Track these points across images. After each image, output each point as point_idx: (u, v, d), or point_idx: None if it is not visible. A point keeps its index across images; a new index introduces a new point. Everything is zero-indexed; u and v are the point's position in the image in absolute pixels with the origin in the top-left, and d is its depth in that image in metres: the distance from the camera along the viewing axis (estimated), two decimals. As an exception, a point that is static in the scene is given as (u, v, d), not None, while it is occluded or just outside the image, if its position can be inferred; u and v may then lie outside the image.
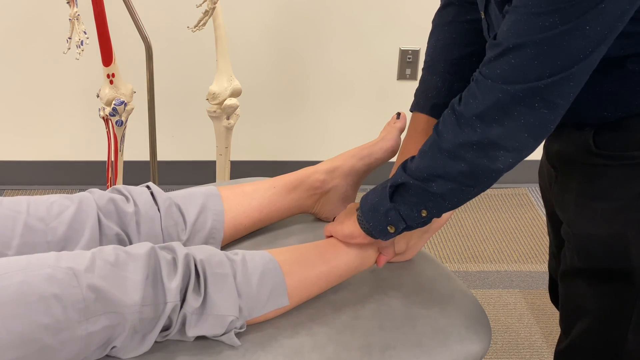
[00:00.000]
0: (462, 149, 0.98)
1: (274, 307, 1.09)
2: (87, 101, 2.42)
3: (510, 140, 0.96)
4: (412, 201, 1.05)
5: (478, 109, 0.96)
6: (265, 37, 2.44)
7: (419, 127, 1.25)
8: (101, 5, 1.75)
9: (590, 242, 1.12)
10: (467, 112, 0.97)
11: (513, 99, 0.93)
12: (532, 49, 0.90)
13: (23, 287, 0.93)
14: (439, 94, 1.23)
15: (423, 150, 1.04)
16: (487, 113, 0.95)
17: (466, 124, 0.97)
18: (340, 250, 1.17)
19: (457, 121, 0.99)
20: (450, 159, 1.00)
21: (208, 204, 1.23)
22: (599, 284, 1.13)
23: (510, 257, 2.31)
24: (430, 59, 1.26)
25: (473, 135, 0.97)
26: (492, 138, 0.96)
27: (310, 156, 2.59)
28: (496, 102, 0.94)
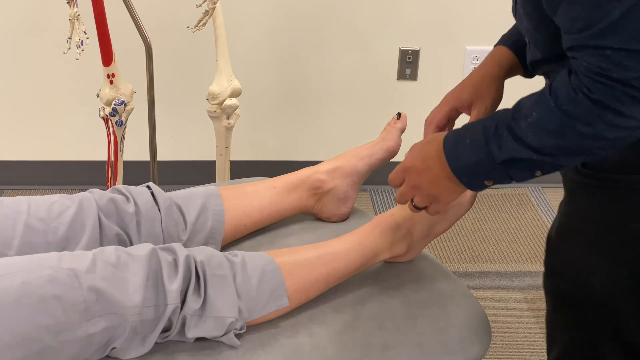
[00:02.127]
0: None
1: (274, 309, 1.09)
2: (87, 101, 2.42)
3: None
4: (528, 168, 0.97)
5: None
6: (265, 37, 2.44)
7: (496, 56, 1.20)
8: (101, 5, 1.75)
9: (559, 263, 1.11)
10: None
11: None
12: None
13: (24, 288, 0.94)
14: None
15: (546, 128, 0.93)
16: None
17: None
18: (340, 252, 1.17)
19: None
20: (589, 139, 0.91)
21: (208, 204, 1.24)
22: (567, 309, 1.12)
23: (510, 257, 2.31)
24: None
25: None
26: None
27: (310, 156, 2.59)
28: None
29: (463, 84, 1.21)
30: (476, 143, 0.98)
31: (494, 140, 0.96)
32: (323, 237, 1.27)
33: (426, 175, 1.04)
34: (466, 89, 1.19)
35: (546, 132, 0.92)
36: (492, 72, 1.19)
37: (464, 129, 1.01)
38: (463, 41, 2.49)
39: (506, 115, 0.96)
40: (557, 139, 0.92)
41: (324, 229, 1.34)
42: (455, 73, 2.52)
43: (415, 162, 1.06)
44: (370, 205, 2.57)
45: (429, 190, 1.05)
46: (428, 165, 1.03)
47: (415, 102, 2.55)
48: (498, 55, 1.20)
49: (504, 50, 1.20)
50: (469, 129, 1.01)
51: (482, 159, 0.97)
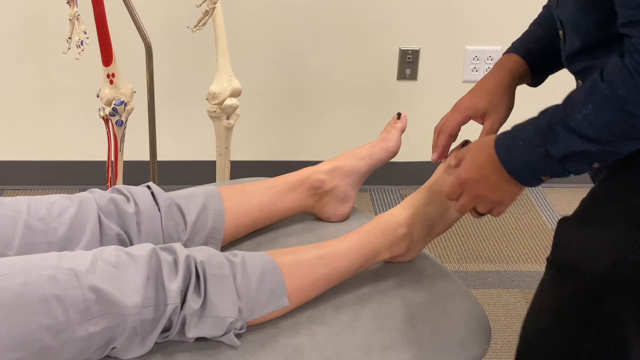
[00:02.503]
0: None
1: (274, 308, 1.09)
2: (87, 101, 2.42)
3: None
4: (587, 160, 0.96)
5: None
6: (265, 37, 2.44)
7: (508, 64, 1.20)
8: (101, 5, 1.75)
9: (568, 237, 1.11)
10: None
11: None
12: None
13: (24, 288, 0.94)
14: (537, 42, 1.20)
15: (603, 117, 0.92)
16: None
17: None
18: (340, 252, 1.17)
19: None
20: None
21: (208, 204, 1.24)
22: (563, 282, 1.11)
23: (510, 257, 2.31)
24: (541, 14, 1.24)
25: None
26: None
27: (310, 156, 2.59)
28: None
29: (475, 93, 1.20)
30: (530, 143, 0.98)
31: (550, 138, 0.96)
32: (323, 237, 1.27)
33: (485, 184, 1.04)
34: (480, 98, 1.18)
35: (604, 121, 0.91)
36: (505, 80, 1.18)
37: (515, 130, 1.01)
38: (463, 41, 2.49)
39: (558, 111, 0.96)
40: (615, 126, 0.91)
41: (324, 229, 1.34)
42: (455, 73, 2.52)
43: (471, 173, 1.06)
44: (370, 205, 2.57)
45: (491, 197, 1.06)
46: (484, 174, 1.04)
47: (415, 102, 2.55)
48: (510, 63, 1.20)
49: (516, 58, 1.20)
50: (520, 130, 1.00)
51: (538, 158, 0.97)
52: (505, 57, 1.22)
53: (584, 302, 1.08)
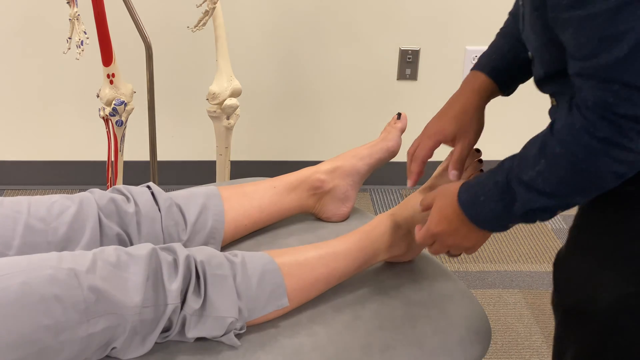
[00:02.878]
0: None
1: (274, 308, 1.09)
2: (87, 101, 2.42)
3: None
4: (549, 211, 0.97)
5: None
6: (265, 37, 2.44)
7: (475, 84, 1.19)
8: (101, 5, 1.75)
9: (567, 275, 1.10)
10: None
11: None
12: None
13: (24, 288, 0.93)
14: (502, 58, 1.19)
15: (556, 174, 0.93)
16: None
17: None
18: (340, 252, 1.17)
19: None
20: (599, 176, 0.91)
21: (209, 204, 1.24)
22: (572, 323, 1.10)
23: (510, 257, 2.31)
24: (506, 25, 1.23)
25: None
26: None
27: (310, 156, 2.59)
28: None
29: (444, 117, 1.19)
30: (491, 199, 0.99)
31: (508, 195, 0.97)
32: (323, 237, 1.27)
33: (457, 235, 1.06)
34: (448, 123, 1.17)
35: (557, 178, 0.92)
36: (473, 102, 1.18)
37: (476, 185, 1.02)
38: (463, 41, 2.49)
39: (513, 166, 0.97)
40: (569, 182, 0.92)
41: (324, 229, 1.34)
42: (455, 73, 2.53)
43: (441, 227, 1.08)
44: (370, 205, 2.57)
45: (462, 244, 1.08)
46: (455, 227, 1.05)
47: (415, 102, 2.55)
48: (477, 84, 1.19)
49: (483, 77, 1.19)
50: (480, 185, 1.02)
51: (501, 212, 0.99)
52: (472, 76, 1.21)
53: (598, 343, 1.08)
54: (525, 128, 2.63)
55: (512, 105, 2.46)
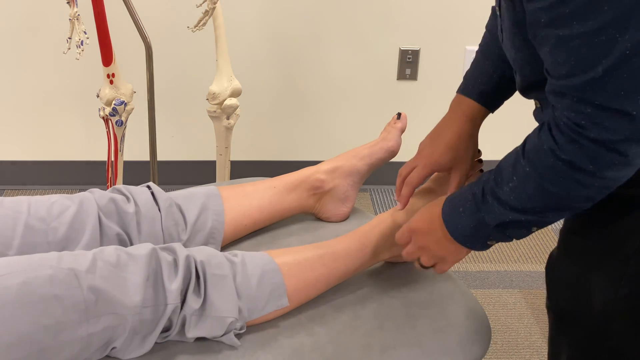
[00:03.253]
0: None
1: (274, 308, 1.09)
2: (87, 101, 2.42)
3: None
4: (523, 227, 0.99)
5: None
6: (265, 37, 2.44)
7: (467, 110, 1.19)
8: (101, 5, 1.75)
9: (558, 280, 1.11)
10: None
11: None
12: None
13: (24, 288, 0.93)
14: (488, 80, 1.19)
15: (525, 192, 0.94)
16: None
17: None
18: (340, 252, 1.17)
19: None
20: (565, 198, 0.93)
21: (208, 204, 1.24)
22: (564, 327, 1.11)
23: (510, 257, 2.32)
24: (485, 43, 1.23)
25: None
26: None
27: (310, 156, 2.59)
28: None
29: (438, 144, 1.19)
30: (468, 210, 1.00)
31: (483, 207, 0.98)
32: (323, 237, 1.27)
33: (431, 237, 1.07)
34: (444, 153, 1.18)
35: (526, 195, 0.94)
36: (467, 130, 1.18)
37: (457, 197, 1.04)
38: (463, 41, 2.49)
39: (489, 181, 0.98)
40: (537, 201, 0.94)
41: (324, 229, 1.34)
42: (455, 73, 2.52)
43: (421, 224, 1.09)
44: (370, 205, 2.57)
45: (435, 252, 1.08)
46: (432, 227, 1.06)
47: (415, 102, 2.55)
48: (469, 111, 1.19)
49: (472, 103, 1.19)
50: (461, 196, 1.03)
51: (477, 225, 1.00)
52: (461, 101, 1.21)
53: (591, 346, 1.08)
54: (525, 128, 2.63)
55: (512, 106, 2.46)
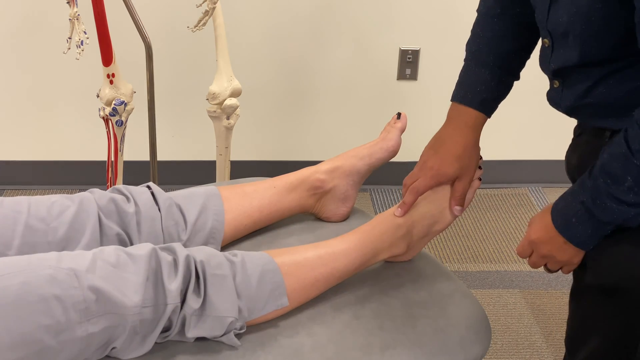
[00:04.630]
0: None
1: (274, 308, 1.09)
2: (87, 101, 2.42)
3: None
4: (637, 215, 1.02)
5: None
6: (265, 37, 2.44)
7: (469, 121, 1.22)
8: (101, 5, 1.75)
9: (604, 256, 1.11)
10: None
11: None
12: None
13: (24, 287, 0.93)
14: (487, 88, 1.22)
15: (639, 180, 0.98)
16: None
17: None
18: (340, 252, 1.17)
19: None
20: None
21: (208, 204, 1.24)
22: (609, 302, 1.12)
23: (510, 257, 2.31)
24: (477, 49, 1.25)
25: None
26: None
27: (310, 156, 2.59)
28: None
29: (445, 156, 1.21)
30: (581, 218, 1.04)
31: (599, 211, 1.01)
32: (323, 237, 1.27)
33: (553, 244, 1.09)
34: (450, 165, 1.20)
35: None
36: (471, 140, 1.21)
37: (565, 208, 1.07)
38: (463, 41, 2.48)
39: (599, 185, 1.00)
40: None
41: (324, 229, 1.34)
42: (455, 73, 2.51)
43: (540, 234, 1.11)
44: (370, 205, 2.57)
45: (558, 257, 1.10)
46: (552, 235, 1.09)
47: (415, 102, 2.55)
48: (472, 121, 1.21)
49: (474, 113, 1.22)
50: (569, 207, 1.06)
51: (596, 228, 1.03)
52: (461, 111, 1.22)
53: (632, 318, 1.09)
54: (525, 128, 2.63)
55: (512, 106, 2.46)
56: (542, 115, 2.42)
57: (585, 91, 1.06)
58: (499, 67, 1.21)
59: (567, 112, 1.13)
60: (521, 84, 1.27)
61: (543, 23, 1.09)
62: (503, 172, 2.66)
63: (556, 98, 1.13)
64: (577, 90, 1.07)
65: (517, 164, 2.66)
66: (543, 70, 1.15)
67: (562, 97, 1.11)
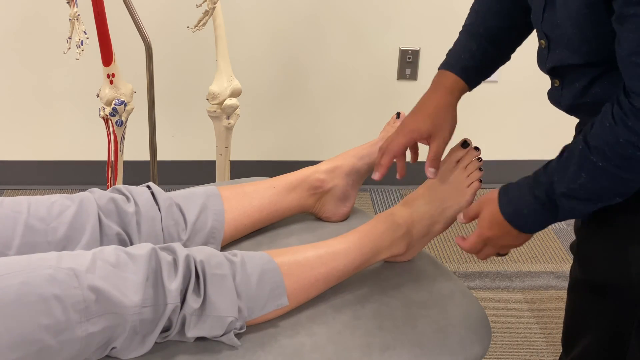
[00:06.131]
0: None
1: (274, 308, 1.09)
2: (87, 101, 2.42)
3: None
4: (590, 209, 1.04)
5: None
6: (265, 37, 2.44)
7: (447, 83, 1.23)
8: (101, 5, 1.75)
9: (593, 252, 1.12)
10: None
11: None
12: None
13: (24, 287, 0.93)
14: (472, 57, 1.23)
15: (599, 185, 0.98)
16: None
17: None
18: (340, 252, 1.17)
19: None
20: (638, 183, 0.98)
21: (208, 204, 1.24)
22: (599, 299, 1.13)
23: (510, 257, 2.31)
24: (470, 22, 1.26)
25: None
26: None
27: (310, 156, 2.59)
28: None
29: (418, 115, 1.22)
30: (535, 212, 1.05)
31: (550, 206, 1.03)
32: (323, 237, 1.27)
33: (508, 236, 1.11)
34: (423, 121, 1.21)
35: (600, 187, 0.98)
36: (446, 101, 1.22)
37: (517, 199, 1.08)
38: (463, 41, 2.49)
39: (553, 182, 1.02)
40: (611, 190, 0.98)
41: (324, 229, 1.34)
42: (455, 73, 2.52)
43: (494, 231, 1.12)
44: (370, 205, 2.57)
45: (512, 245, 1.13)
46: (506, 230, 1.10)
47: (415, 102, 2.55)
48: (449, 83, 1.23)
49: (453, 77, 1.23)
50: (521, 198, 1.07)
51: (546, 219, 1.06)
52: (442, 75, 1.25)
53: (626, 314, 1.10)
54: (525, 128, 2.63)
55: (513, 106, 2.46)
56: (543, 115, 2.42)
57: (583, 90, 1.06)
58: (487, 39, 1.23)
59: (568, 110, 1.13)
60: (521, 84, 1.28)
61: (538, 24, 1.10)
62: (503, 172, 2.66)
63: (557, 97, 1.13)
64: (575, 89, 1.07)
65: (517, 164, 2.66)
66: (541, 69, 1.16)
67: (562, 95, 1.12)
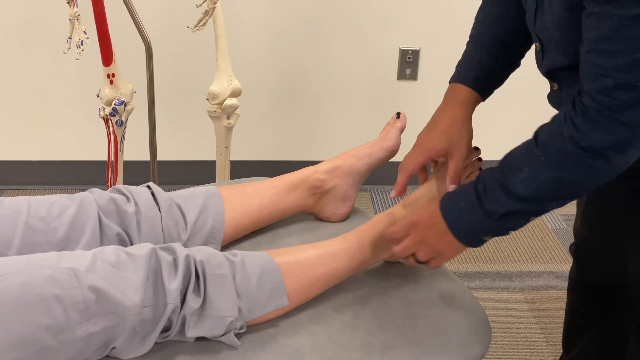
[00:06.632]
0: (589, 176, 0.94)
1: (274, 308, 1.09)
2: (87, 101, 2.42)
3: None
4: (523, 217, 1.02)
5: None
6: (265, 36, 2.44)
7: (459, 96, 1.22)
8: (101, 5, 1.75)
9: (591, 253, 1.12)
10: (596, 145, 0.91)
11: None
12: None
13: (24, 288, 0.93)
14: (482, 67, 1.22)
15: (538, 181, 0.97)
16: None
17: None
18: (340, 252, 1.17)
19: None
20: (577, 186, 0.96)
21: (209, 204, 1.24)
22: (598, 299, 1.13)
23: (510, 257, 2.31)
24: (477, 32, 1.25)
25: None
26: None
27: (310, 156, 2.59)
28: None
29: (433, 131, 1.21)
30: (470, 205, 1.02)
31: (487, 200, 1.00)
32: (323, 237, 1.27)
33: (433, 230, 1.08)
34: (439, 139, 1.20)
35: (537, 184, 0.96)
36: (461, 115, 1.20)
37: (458, 192, 1.06)
38: (463, 41, 2.48)
39: (495, 174, 1.00)
40: (548, 189, 0.96)
41: (324, 229, 1.34)
42: (455, 73, 2.53)
43: (423, 218, 1.09)
44: (370, 205, 2.57)
45: (434, 245, 1.09)
46: (435, 221, 1.07)
47: (415, 102, 2.55)
48: (462, 97, 1.21)
49: (466, 90, 1.21)
50: (462, 191, 1.05)
51: (478, 218, 1.02)
52: (454, 89, 1.23)
53: (621, 316, 1.10)
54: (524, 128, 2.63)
55: (512, 106, 2.46)
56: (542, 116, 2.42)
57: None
58: (496, 47, 1.21)
59: None
60: (521, 84, 1.28)
61: (532, 27, 1.10)
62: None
63: (556, 100, 1.13)
64: (573, 93, 1.07)
65: (517, 164, 2.66)
66: (540, 72, 1.16)
67: (561, 99, 1.11)
